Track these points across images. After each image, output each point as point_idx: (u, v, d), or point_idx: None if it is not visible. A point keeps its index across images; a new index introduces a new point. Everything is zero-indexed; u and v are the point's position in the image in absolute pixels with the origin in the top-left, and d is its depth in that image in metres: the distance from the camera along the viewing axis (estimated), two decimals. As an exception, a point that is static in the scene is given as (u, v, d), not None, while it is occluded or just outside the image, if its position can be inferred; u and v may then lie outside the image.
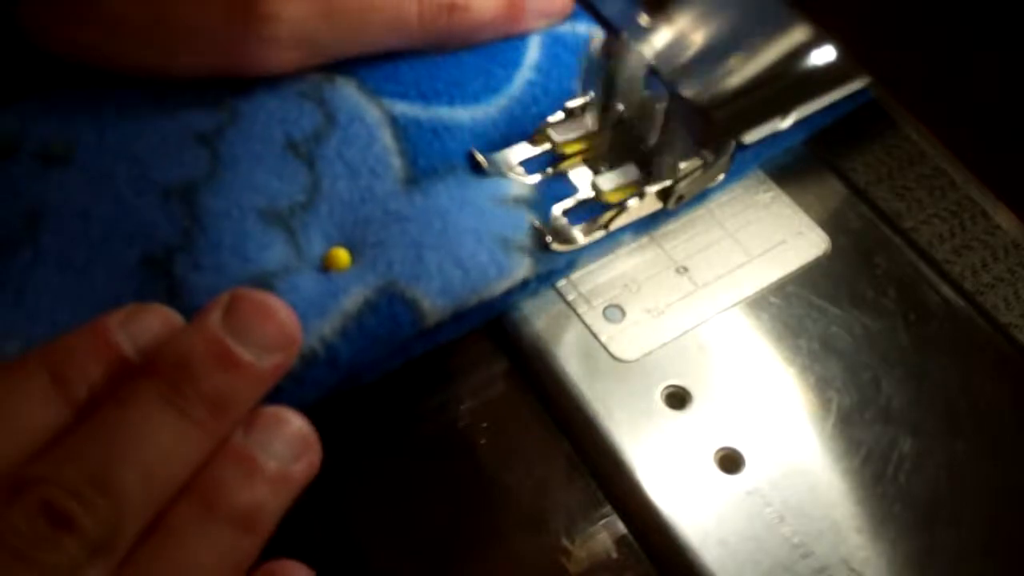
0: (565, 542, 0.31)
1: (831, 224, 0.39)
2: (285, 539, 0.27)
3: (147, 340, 0.27)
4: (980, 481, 0.33)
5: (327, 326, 0.31)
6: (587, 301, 0.36)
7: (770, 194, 0.40)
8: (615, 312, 0.36)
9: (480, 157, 0.36)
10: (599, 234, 0.36)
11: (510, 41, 0.38)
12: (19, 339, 0.30)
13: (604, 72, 0.34)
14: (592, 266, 0.37)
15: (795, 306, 0.37)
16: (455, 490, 0.32)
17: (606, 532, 0.32)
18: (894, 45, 0.19)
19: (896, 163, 0.43)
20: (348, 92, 0.36)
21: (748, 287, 0.37)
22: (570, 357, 0.34)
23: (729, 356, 0.35)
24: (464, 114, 0.37)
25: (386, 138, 0.35)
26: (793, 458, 0.33)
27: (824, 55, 0.26)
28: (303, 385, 0.30)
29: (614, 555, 0.31)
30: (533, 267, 0.34)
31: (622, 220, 0.36)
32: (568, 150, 0.37)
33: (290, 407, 0.28)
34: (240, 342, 0.27)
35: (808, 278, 0.38)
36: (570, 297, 0.36)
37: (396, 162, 0.35)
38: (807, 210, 0.39)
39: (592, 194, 0.36)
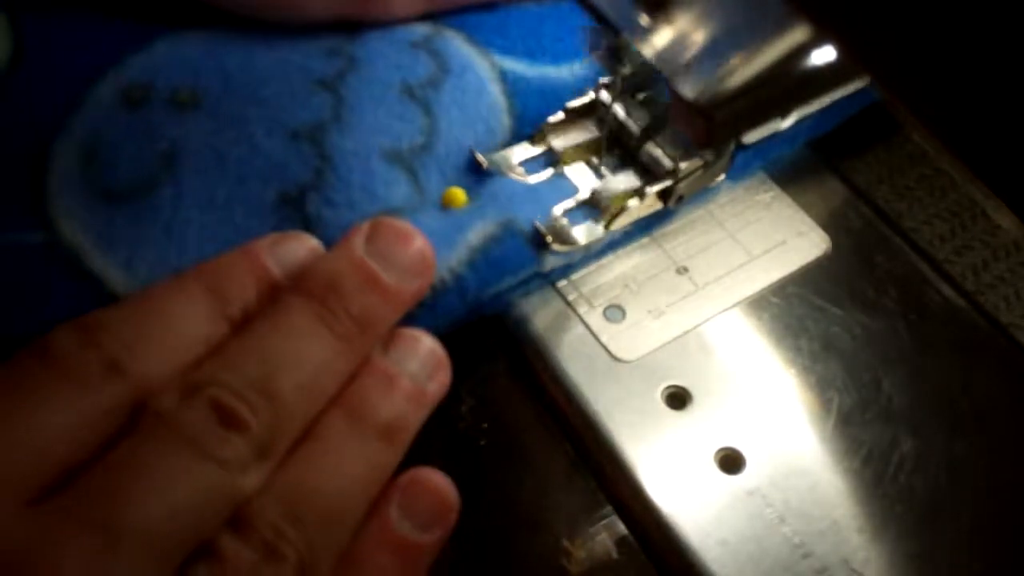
0: (565, 542, 0.31)
1: (832, 224, 0.39)
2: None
3: (293, 264, 0.30)
4: (980, 481, 0.33)
5: (454, 258, 0.33)
6: (588, 301, 0.36)
7: (771, 194, 0.40)
8: (616, 312, 0.36)
9: (480, 157, 0.36)
10: (599, 234, 0.36)
11: None
12: (167, 273, 0.32)
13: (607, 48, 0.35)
14: (592, 266, 0.37)
15: (796, 306, 0.37)
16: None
17: (606, 532, 0.32)
18: (894, 45, 0.19)
19: (897, 163, 0.43)
20: (458, 44, 0.38)
21: (749, 287, 0.37)
22: (570, 357, 0.34)
23: (730, 356, 0.35)
24: (566, 72, 0.38)
25: (496, 92, 0.37)
26: (794, 458, 0.33)
27: (824, 55, 0.26)
28: (434, 313, 0.32)
29: (614, 555, 0.31)
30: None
31: (622, 220, 0.36)
32: (567, 155, 0.37)
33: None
34: (382, 266, 0.29)
35: (809, 278, 0.37)
36: (571, 297, 0.36)
37: (506, 120, 0.37)
38: (808, 210, 0.39)
39: (590, 195, 0.36)
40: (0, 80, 0.35)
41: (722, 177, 0.38)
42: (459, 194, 0.35)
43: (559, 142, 0.37)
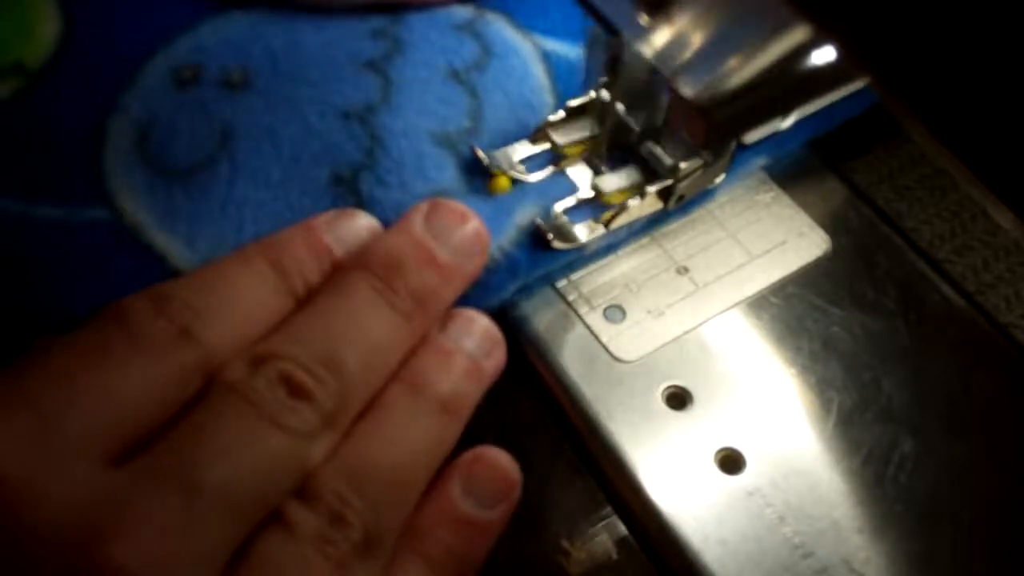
0: (565, 542, 0.31)
1: (832, 224, 0.39)
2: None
3: (351, 241, 0.31)
4: (981, 481, 0.33)
5: (504, 238, 0.33)
6: (588, 302, 0.36)
7: (771, 194, 0.40)
8: (616, 312, 0.36)
9: (480, 153, 0.36)
10: (599, 233, 0.36)
11: None
12: (226, 250, 0.32)
13: (608, 57, 0.35)
14: (592, 266, 0.37)
15: (796, 306, 0.37)
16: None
17: (606, 533, 0.32)
18: (894, 45, 0.19)
19: (897, 163, 0.43)
20: (500, 26, 0.38)
21: (749, 287, 0.37)
22: (571, 357, 0.34)
23: (730, 356, 0.35)
24: None
25: (539, 74, 0.38)
26: (794, 458, 0.33)
27: (824, 55, 0.26)
28: (486, 290, 0.33)
29: (614, 556, 0.31)
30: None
31: (622, 220, 0.36)
32: (568, 150, 0.37)
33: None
34: (440, 245, 0.30)
35: (809, 278, 0.37)
36: (571, 297, 0.36)
37: (549, 100, 0.38)
38: (808, 210, 0.39)
39: (592, 194, 0.36)
40: (51, 58, 0.36)
41: (722, 177, 0.38)
42: (503, 180, 0.35)
43: (560, 140, 0.37)
